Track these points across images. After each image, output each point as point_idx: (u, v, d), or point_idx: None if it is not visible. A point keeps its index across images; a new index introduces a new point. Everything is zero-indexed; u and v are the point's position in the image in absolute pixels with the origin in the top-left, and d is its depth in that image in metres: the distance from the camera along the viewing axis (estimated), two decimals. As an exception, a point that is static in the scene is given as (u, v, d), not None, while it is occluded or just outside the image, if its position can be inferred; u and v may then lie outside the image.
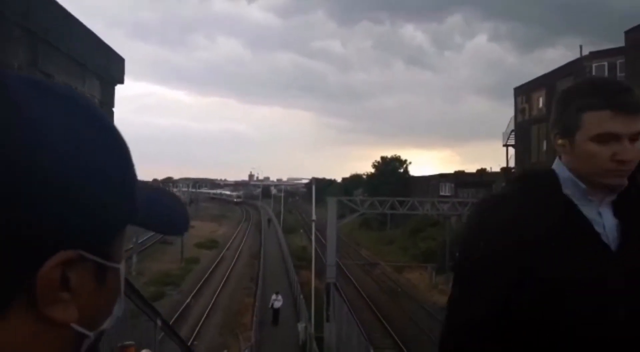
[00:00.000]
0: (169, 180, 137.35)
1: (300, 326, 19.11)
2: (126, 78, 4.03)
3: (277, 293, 21.90)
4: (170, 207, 0.52)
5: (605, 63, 24.25)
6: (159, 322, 3.61)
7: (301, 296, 22.70)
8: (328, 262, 21.07)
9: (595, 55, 24.74)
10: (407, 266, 33.30)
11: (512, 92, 33.00)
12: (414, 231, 39.78)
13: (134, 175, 0.47)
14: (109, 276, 0.46)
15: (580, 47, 26.02)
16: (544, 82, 28.64)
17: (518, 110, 31.76)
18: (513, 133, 32.17)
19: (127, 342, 2.00)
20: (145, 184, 0.52)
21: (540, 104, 29.31)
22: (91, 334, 0.46)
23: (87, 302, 0.44)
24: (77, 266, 0.42)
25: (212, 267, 34.42)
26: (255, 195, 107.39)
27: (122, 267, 0.48)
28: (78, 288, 0.42)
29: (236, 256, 39.54)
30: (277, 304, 21.53)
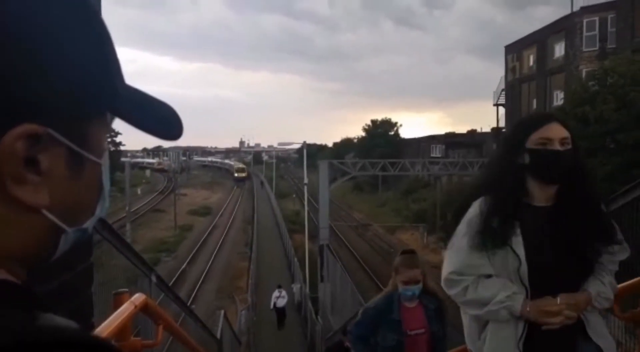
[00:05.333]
0: (158, 148, 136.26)
1: (296, 287, 19.47)
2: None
3: (279, 287, 17.30)
4: (162, 109, 0.50)
5: (597, 18, 23.95)
6: (153, 279, 3.62)
7: (295, 259, 23.02)
8: (321, 224, 21.27)
9: (586, 10, 24.38)
10: (399, 227, 33.74)
11: (503, 50, 32.64)
12: (406, 193, 40.11)
13: (114, 61, 0.45)
14: (86, 167, 0.44)
15: (572, 2, 25.60)
16: (535, 39, 28.31)
17: (509, 69, 31.52)
18: (503, 92, 32.04)
19: (121, 290, 2.00)
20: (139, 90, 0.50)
21: (531, 62, 29.07)
22: (69, 230, 0.44)
23: (61, 191, 0.42)
24: (46, 147, 0.40)
25: (206, 233, 34.67)
26: (246, 162, 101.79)
27: (104, 163, 0.46)
28: (48, 171, 0.40)
29: (229, 222, 39.78)
30: (281, 302, 16.90)
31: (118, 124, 0.49)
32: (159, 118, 0.49)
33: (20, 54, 0.38)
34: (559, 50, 26.09)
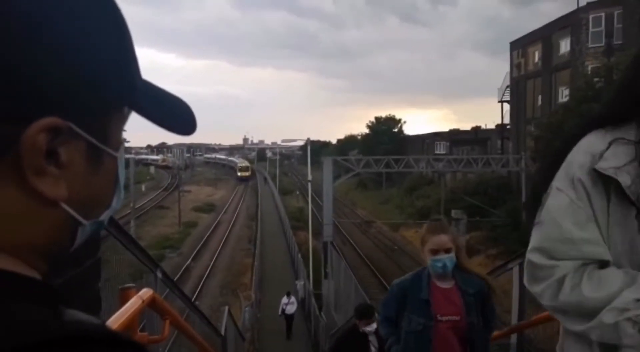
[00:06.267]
0: (163, 145, 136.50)
1: (299, 284, 19.50)
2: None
3: (288, 294, 16.35)
4: (177, 104, 0.50)
5: (603, 14, 23.76)
6: (159, 274, 3.62)
7: (299, 256, 23.05)
8: (325, 221, 21.27)
9: (592, 6, 24.20)
10: (403, 224, 33.71)
11: (508, 47, 32.48)
12: (410, 190, 40.04)
13: (133, 56, 0.45)
14: (104, 161, 0.44)
15: (578, -3, 25.42)
16: (541, 35, 28.14)
17: (514, 65, 31.36)
18: (508, 89, 31.89)
19: (128, 285, 2.00)
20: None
21: (536, 58, 28.91)
22: (86, 223, 0.45)
23: (79, 184, 0.42)
24: (66, 140, 0.40)
25: (210, 230, 34.74)
26: (250, 159, 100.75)
27: (120, 157, 0.47)
28: (68, 164, 0.41)
29: (233, 218, 39.85)
30: (290, 309, 16.11)
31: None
32: (175, 113, 0.50)
33: (44, 47, 0.38)
34: (565, 46, 25.92)
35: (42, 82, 0.38)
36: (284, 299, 16.26)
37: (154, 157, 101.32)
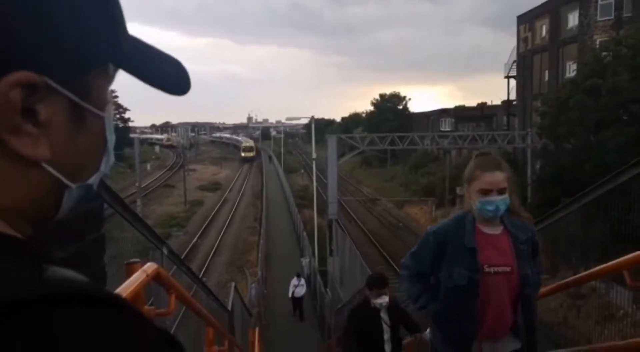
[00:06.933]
0: (167, 124, 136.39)
1: (305, 261, 19.71)
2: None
3: (298, 275, 15.97)
4: (168, 63, 0.48)
5: (612, -14, 23.22)
6: (165, 251, 3.67)
7: (304, 233, 23.23)
8: (329, 199, 21.34)
9: (602, -23, 23.64)
10: (407, 201, 33.78)
11: (515, 21, 31.89)
12: (414, 167, 40.00)
13: (116, 10, 0.43)
14: (89, 120, 0.42)
15: (587, -31, 24.77)
16: (548, 8, 27.58)
17: (520, 40, 30.84)
18: (515, 64, 31.44)
19: (133, 260, 2.03)
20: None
21: (544, 33, 28.39)
22: (73, 186, 0.43)
23: (61, 144, 0.40)
24: (45, 97, 0.38)
25: (216, 208, 34.99)
26: (254, 137, 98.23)
27: (107, 116, 0.45)
28: (48, 123, 0.38)
29: (239, 197, 40.06)
30: (300, 291, 15.63)
31: (126, 101, 0.47)
32: (165, 71, 0.47)
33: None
34: (573, 19, 25.41)
35: (11, 36, 0.36)
36: (294, 281, 15.71)
37: (159, 136, 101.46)
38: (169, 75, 0.47)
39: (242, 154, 66.78)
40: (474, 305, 2.15)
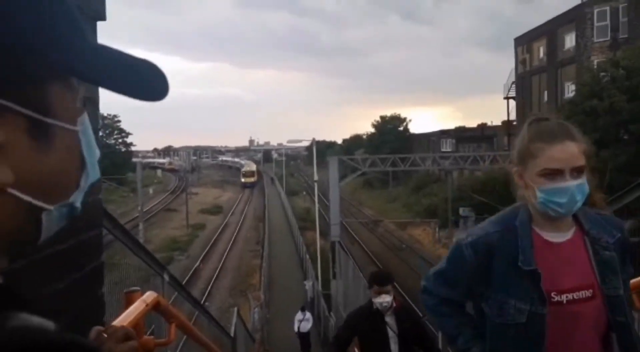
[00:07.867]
0: (169, 148, 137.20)
1: (308, 284, 19.51)
2: (117, 46, 3.89)
3: (302, 309, 14.33)
4: (140, 68, 0.44)
5: (607, 8, 23.57)
6: (166, 277, 3.63)
7: (307, 256, 23.06)
8: (332, 221, 21.24)
9: (596, 0, 24.03)
10: (410, 223, 33.62)
11: (512, 42, 32.32)
12: (417, 188, 39.96)
13: (68, 16, 0.39)
14: (56, 136, 0.39)
15: (582, -9, 25.22)
16: (545, 30, 27.97)
17: (519, 61, 31.20)
18: (514, 85, 31.72)
19: (133, 288, 2.01)
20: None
21: (541, 54, 28.73)
22: (51, 208, 0.40)
23: (27, 164, 0.37)
24: None
25: (218, 231, 34.86)
26: (256, 160, 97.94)
27: (82, 131, 0.42)
28: (6, 145, 0.35)
29: (241, 220, 39.95)
30: (306, 326, 13.94)
31: (128, 126, 0.46)
32: (136, 77, 0.44)
33: None
34: (570, 41, 25.74)
35: None
36: (298, 315, 14.06)
37: (161, 160, 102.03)
38: (139, 82, 0.44)
39: (243, 180, 64.26)
40: (538, 346, 1.40)
